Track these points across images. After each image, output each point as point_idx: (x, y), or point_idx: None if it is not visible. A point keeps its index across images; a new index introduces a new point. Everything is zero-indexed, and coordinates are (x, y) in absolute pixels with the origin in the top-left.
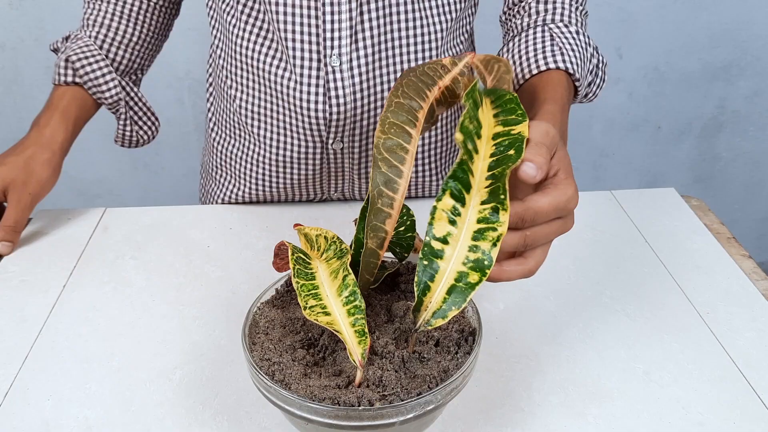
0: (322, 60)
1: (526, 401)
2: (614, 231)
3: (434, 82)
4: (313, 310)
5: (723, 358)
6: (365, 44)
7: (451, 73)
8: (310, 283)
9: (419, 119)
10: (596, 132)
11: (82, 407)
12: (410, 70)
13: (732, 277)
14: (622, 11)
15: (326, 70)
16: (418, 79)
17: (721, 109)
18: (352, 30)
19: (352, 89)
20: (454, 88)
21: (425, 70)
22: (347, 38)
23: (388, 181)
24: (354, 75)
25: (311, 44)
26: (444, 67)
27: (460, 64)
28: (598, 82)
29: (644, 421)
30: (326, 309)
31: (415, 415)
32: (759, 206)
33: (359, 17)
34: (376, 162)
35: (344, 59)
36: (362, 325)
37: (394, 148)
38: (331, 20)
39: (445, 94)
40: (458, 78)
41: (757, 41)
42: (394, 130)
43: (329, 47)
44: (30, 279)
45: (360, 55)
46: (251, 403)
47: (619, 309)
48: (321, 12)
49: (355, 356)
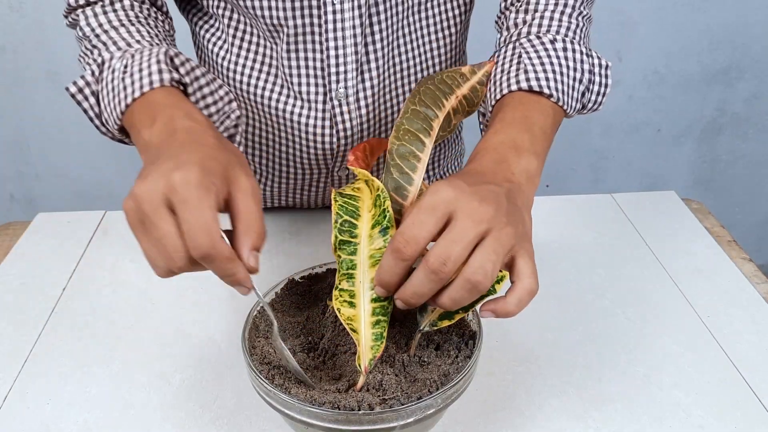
0: (328, 94)
1: (527, 405)
2: (615, 234)
3: (452, 90)
4: (341, 295)
5: (724, 361)
6: (371, 75)
7: (470, 82)
8: (350, 260)
9: (434, 128)
10: (596, 135)
11: (81, 411)
12: (429, 78)
13: (732, 280)
14: (621, 14)
15: (332, 104)
16: (436, 87)
17: (721, 111)
18: (358, 63)
19: (359, 120)
20: (472, 97)
21: (444, 78)
22: (353, 71)
23: (398, 188)
24: (361, 107)
25: (317, 78)
26: (463, 76)
27: (479, 72)
28: (598, 89)
29: (645, 425)
30: (354, 299)
31: (416, 419)
32: (759, 209)
33: (364, 49)
34: (389, 167)
35: (350, 92)
36: (383, 328)
37: (407, 155)
38: (336, 55)
39: (463, 103)
40: (477, 87)
41: (757, 44)
42: (408, 137)
43: (335, 81)
44: (29, 282)
45: (366, 87)
46: (251, 407)
47: (620, 312)
48: (325, 47)
49: (363, 361)
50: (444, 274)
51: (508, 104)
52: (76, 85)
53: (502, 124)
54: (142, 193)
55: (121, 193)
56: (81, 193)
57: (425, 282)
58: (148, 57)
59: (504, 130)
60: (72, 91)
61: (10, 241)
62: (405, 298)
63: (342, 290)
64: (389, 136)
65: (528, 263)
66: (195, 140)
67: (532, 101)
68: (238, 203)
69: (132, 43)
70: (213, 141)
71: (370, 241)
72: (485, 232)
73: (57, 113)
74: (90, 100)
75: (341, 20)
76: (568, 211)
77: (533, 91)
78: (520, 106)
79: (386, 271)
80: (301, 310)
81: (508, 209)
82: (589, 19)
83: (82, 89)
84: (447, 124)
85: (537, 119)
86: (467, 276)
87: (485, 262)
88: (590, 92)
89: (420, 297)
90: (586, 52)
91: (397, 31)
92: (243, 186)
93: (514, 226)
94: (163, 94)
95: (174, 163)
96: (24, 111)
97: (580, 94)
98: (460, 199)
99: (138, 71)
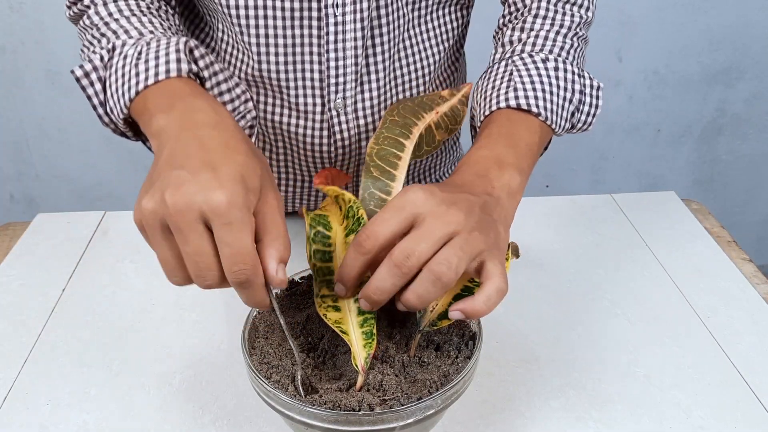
0: (326, 105)
1: (527, 406)
2: (614, 234)
3: (432, 108)
4: (324, 302)
5: (724, 361)
6: (371, 87)
7: (449, 102)
8: (327, 266)
9: (413, 133)
10: (596, 135)
11: (81, 411)
12: (408, 99)
13: (732, 280)
14: (621, 14)
15: (330, 114)
16: (415, 105)
17: (721, 112)
18: (358, 75)
19: (357, 130)
20: (453, 116)
21: (423, 100)
22: (352, 82)
23: (379, 185)
24: (359, 117)
25: (314, 89)
26: (442, 98)
27: (458, 94)
28: (587, 110)
29: (645, 426)
30: (338, 303)
31: (416, 419)
32: (759, 209)
33: (365, 61)
34: (368, 168)
35: (349, 102)
36: (371, 326)
37: (387, 156)
38: (336, 66)
39: (444, 119)
40: (457, 107)
41: (757, 44)
42: (388, 142)
43: (334, 92)
44: (29, 283)
45: (366, 97)
46: (251, 408)
47: (620, 313)
48: (325, 58)
49: (358, 360)
50: (407, 268)
51: (495, 120)
52: (83, 68)
53: (488, 140)
54: (177, 204)
55: (121, 193)
56: (81, 194)
57: (387, 277)
58: (166, 45)
59: (489, 145)
60: (78, 74)
61: (9, 242)
62: (367, 294)
63: (324, 297)
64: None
65: (497, 266)
66: (227, 144)
67: (520, 119)
68: (266, 217)
69: (145, 33)
70: (245, 147)
71: (345, 248)
72: (453, 233)
73: (57, 113)
74: (96, 86)
75: (342, 32)
76: (568, 212)
77: (521, 109)
78: (507, 122)
79: (345, 264)
80: (301, 310)
81: (480, 218)
82: (585, 40)
83: (88, 73)
84: (431, 139)
85: (523, 136)
86: (431, 267)
87: (450, 256)
88: (580, 112)
89: (382, 293)
90: (578, 72)
91: (398, 44)
92: (271, 199)
93: (484, 233)
94: (181, 84)
95: (213, 175)
96: (24, 111)
97: (569, 114)
98: (429, 202)
99: (155, 58)
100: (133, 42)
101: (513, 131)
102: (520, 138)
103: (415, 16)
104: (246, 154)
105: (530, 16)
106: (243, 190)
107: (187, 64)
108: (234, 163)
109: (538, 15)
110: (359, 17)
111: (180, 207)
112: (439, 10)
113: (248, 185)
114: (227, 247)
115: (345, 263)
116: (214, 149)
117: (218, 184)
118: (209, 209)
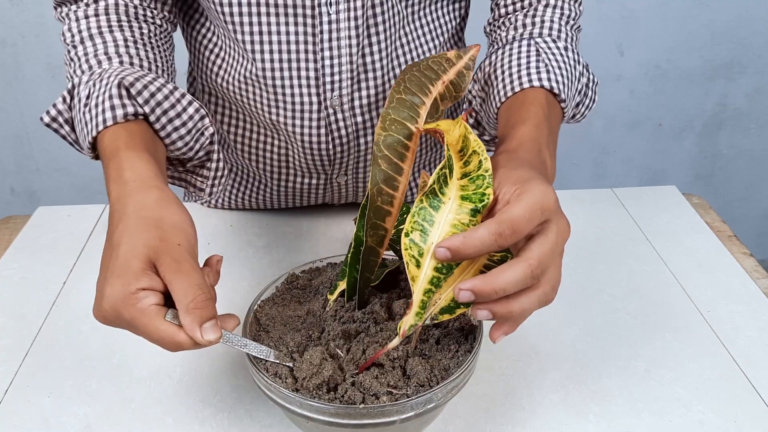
0: (322, 103)
1: (527, 399)
2: (615, 229)
3: (438, 76)
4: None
5: (724, 356)
6: (368, 84)
7: (456, 67)
8: (431, 213)
9: (421, 115)
10: (597, 129)
11: (82, 404)
12: (414, 65)
13: (733, 275)
14: (623, 8)
15: (327, 112)
16: (422, 74)
17: (723, 106)
18: (354, 72)
19: (354, 128)
20: (459, 82)
21: (429, 64)
22: (347, 80)
23: (387, 179)
24: (357, 114)
25: (310, 87)
26: (449, 61)
27: (465, 57)
28: (588, 103)
29: (645, 420)
30: (422, 253)
31: (416, 413)
32: (760, 204)
33: (362, 60)
34: (376, 159)
35: (345, 99)
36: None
37: (395, 144)
38: (331, 65)
39: (450, 88)
40: (463, 71)
41: (759, 38)
42: (395, 127)
43: (329, 90)
44: (30, 276)
45: (363, 95)
46: (251, 401)
47: (620, 307)
48: (320, 56)
49: (404, 326)
50: (538, 279)
51: (536, 100)
52: (49, 114)
53: (537, 119)
54: (105, 315)
55: None
56: (81, 187)
57: (520, 279)
58: (101, 89)
59: (539, 126)
60: (46, 121)
61: (10, 235)
62: (491, 289)
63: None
64: (378, 120)
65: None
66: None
67: (552, 102)
68: (172, 286)
69: (102, 60)
70: (151, 215)
71: (458, 210)
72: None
73: None
74: (65, 128)
75: (336, 30)
76: (569, 206)
77: (552, 92)
78: (547, 106)
79: (476, 244)
80: (302, 304)
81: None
82: (579, 29)
83: (55, 118)
84: (435, 110)
85: (548, 118)
86: (547, 292)
87: (558, 279)
88: (583, 105)
89: (505, 292)
90: (585, 65)
91: (395, 41)
92: (171, 267)
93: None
94: (110, 138)
95: (109, 284)
96: (24, 104)
97: (575, 104)
98: (557, 212)
99: (95, 106)
100: (87, 79)
101: (550, 114)
102: (555, 123)
103: (410, 12)
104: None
105: (541, 6)
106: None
107: (122, 108)
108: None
109: (549, 5)
110: (353, 15)
111: (107, 317)
112: (433, 4)
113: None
114: (152, 341)
115: (474, 239)
116: (121, 233)
117: (116, 294)
118: (118, 318)
